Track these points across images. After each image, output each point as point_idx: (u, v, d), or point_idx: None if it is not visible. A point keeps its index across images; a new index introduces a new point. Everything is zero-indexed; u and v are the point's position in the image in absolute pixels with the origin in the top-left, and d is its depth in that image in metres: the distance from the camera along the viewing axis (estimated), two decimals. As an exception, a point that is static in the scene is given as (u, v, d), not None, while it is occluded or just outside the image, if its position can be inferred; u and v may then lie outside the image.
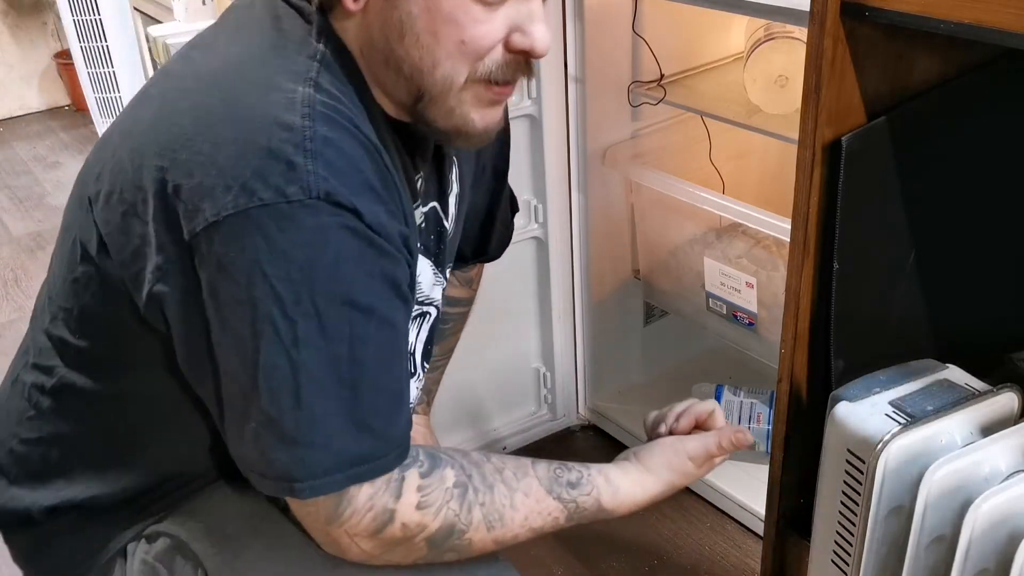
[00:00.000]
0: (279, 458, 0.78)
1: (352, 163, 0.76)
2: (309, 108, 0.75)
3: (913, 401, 0.95)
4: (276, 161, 0.72)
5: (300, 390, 0.75)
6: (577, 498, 0.91)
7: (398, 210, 0.80)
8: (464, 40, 0.79)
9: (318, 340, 0.75)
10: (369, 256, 0.76)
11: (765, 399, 1.73)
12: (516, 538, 0.89)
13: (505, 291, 1.77)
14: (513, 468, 0.90)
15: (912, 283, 1.05)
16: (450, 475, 0.86)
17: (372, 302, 0.77)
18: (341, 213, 0.74)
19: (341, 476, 0.78)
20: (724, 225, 1.65)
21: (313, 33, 0.81)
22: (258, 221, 0.72)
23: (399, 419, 0.82)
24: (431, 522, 0.84)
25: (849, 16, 0.87)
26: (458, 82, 0.81)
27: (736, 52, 1.70)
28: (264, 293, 0.73)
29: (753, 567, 1.59)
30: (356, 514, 0.81)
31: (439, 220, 0.97)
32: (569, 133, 1.66)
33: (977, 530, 0.84)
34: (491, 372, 1.82)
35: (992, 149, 1.06)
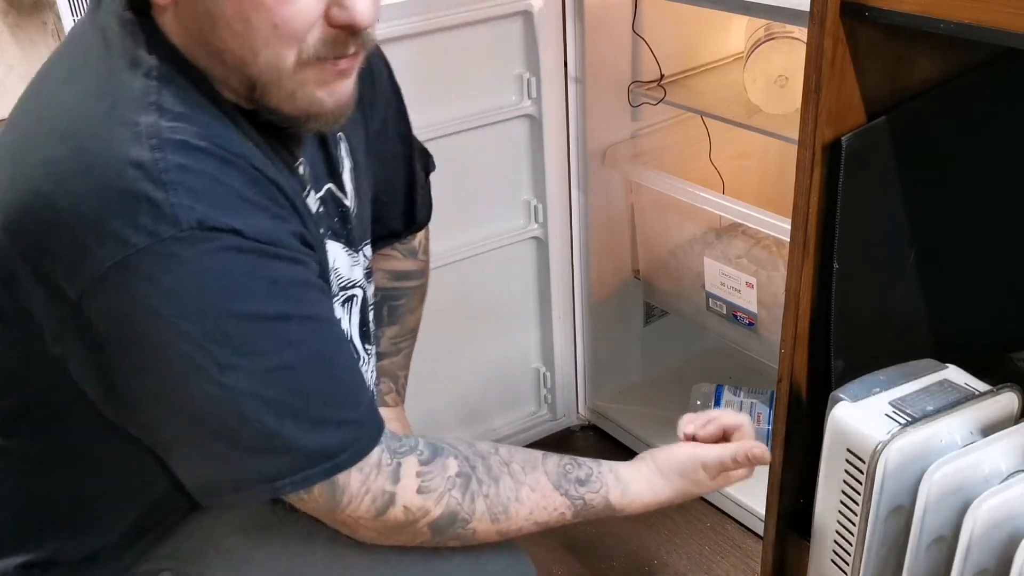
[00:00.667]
0: (250, 466, 0.77)
1: (215, 182, 0.73)
2: (156, 139, 0.72)
3: (913, 401, 0.95)
4: (138, 202, 0.70)
5: (244, 410, 0.75)
6: (585, 495, 0.91)
7: (283, 208, 0.78)
8: (276, 23, 0.74)
9: (241, 360, 0.74)
10: (263, 266, 0.75)
11: (765, 399, 1.73)
12: (521, 531, 0.89)
13: (505, 291, 1.77)
14: (521, 461, 0.90)
15: (912, 283, 1.05)
16: (452, 464, 0.86)
17: (283, 308, 0.76)
18: (219, 236, 0.72)
19: (318, 470, 0.79)
20: (724, 225, 1.65)
21: (143, 45, 0.77)
22: (138, 268, 0.71)
23: (359, 402, 0.82)
24: (433, 507, 0.84)
25: (849, 16, 0.87)
26: (286, 66, 0.76)
27: (736, 52, 1.70)
28: (171, 335, 0.72)
29: (753, 567, 1.59)
30: (354, 499, 0.82)
31: (338, 200, 0.95)
32: (569, 133, 1.66)
33: (977, 530, 0.84)
34: (491, 372, 1.82)
35: (992, 149, 1.06)
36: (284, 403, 0.76)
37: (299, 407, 0.77)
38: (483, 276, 1.71)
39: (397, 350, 1.24)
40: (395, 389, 1.26)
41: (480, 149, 1.62)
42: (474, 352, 1.77)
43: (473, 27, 1.52)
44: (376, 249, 1.16)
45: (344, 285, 0.96)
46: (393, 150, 1.09)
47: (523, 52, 1.59)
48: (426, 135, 1.52)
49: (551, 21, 1.57)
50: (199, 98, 0.77)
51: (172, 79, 0.76)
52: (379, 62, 1.05)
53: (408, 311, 1.24)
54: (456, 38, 1.52)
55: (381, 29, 1.41)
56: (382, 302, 1.20)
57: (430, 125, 1.53)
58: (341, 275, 0.95)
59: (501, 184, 1.68)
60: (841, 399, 0.97)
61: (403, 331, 1.24)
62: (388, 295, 1.21)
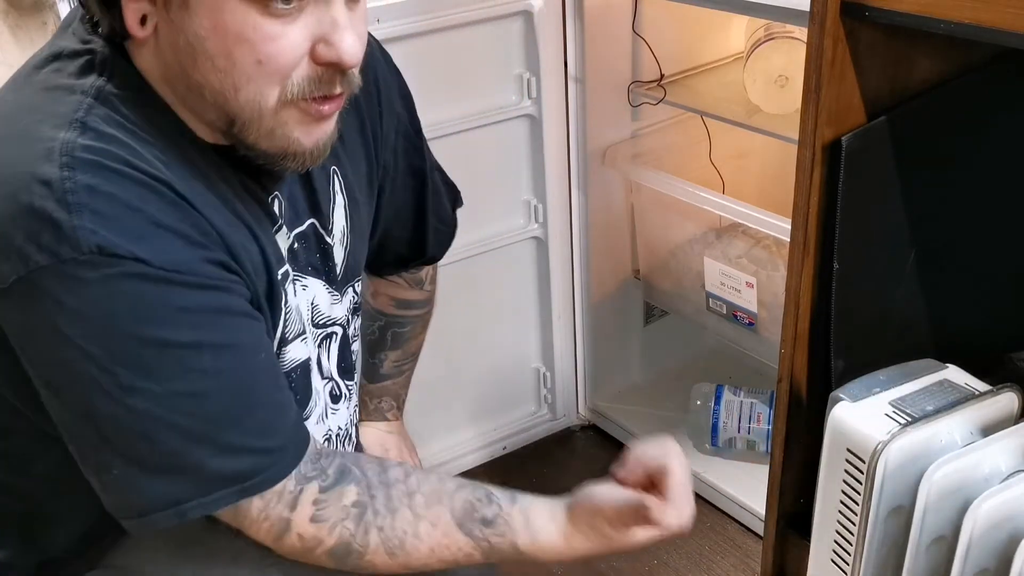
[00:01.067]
0: (153, 490, 0.76)
1: (125, 206, 0.71)
2: (68, 156, 0.70)
3: (913, 401, 0.95)
4: (41, 221, 0.69)
5: (150, 433, 0.74)
6: (490, 537, 0.86)
7: (205, 236, 0.76)
8: (260, 60, 0.72)
9: (147, 384, 0.73)
10: (171, 294, 0.73)
11: (765, 399, 1.73)
12: (428, 567, 0.86)
13: (505, 291, 1.77)
14: (428, 493, 0.86)
15: (912, 283, 1.05)
16: (351, 493, 0.84)
17: (195, 336, 0.74)
18: (121, 263, 0.70)
19: (226, 492, 0.78)
20: (724, 225, 1.65)
21: (96, 65, 0.75)
22: (41, 285, 0.70)
23: (276, 432, 0.81)
24: (326, 537, 0.83)
25: (849, 16, 0.87)
26: (268, 105, 0.75)
27: (736, 52, 1.70)
28: (75, 354, 0.71)
29: (753, 567, 1.59)
30: (253, 524, 0.81)
31: (320, 236, 0.93)
32: (569, 133, 1.66)
33: (977, 530, 0.84)
34: (491, 372, 1.82)
35: (992, 149, 1.06)
36: (191, 429, 0.75)
37: (208, 433, 0.76)
38: (483, 276, 1.71)
39: (400, 372, 1.24)
40: (396, 406, 1.26)
41: (480, 149, 1.62)
42: (474, 352, 1.77)
43: (473, 27, 1.52)
44: (383, 275, 1.16)
45: (323, 322, 0.94)
46: (403, 182, 1.08)
47: (523, 52, 1.59)
48: (426, 135, 1.52)
49: (551, 21, 1.57)
50: (143, 122, 0.75)
51: (114, 100, 0.74)
52: (395, 94, 1.03)
53: (411, 337, 1.23)
54: (456, 38, 1.52)
55: (381, 29, 1.42)
56: (386, 327, 1.20)
57: (430, 125, 1.51)
58: (321, 312, 0.94)
59: (501, 184, 1.68)
60: (841, 399, 0.97)
61: (405, 355, 1.24)
62: (392, 321, 1.20)
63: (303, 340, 0.91)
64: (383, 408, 1.24)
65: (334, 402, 0.98)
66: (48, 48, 0.79)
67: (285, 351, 0.89)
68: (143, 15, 0.73)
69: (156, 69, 0.76)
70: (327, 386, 0.96)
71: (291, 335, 0.89)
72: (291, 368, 0.90)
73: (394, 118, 1.03)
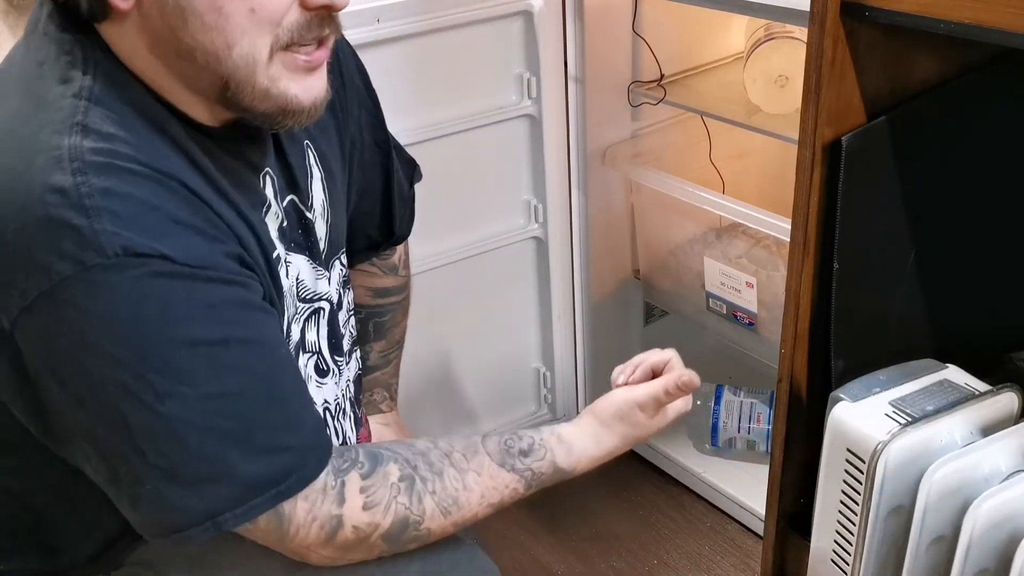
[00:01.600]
0: (190, 503, 0.75)
1: (144, 205, 0.71)
2: (79, 162, 0.69)
3: (913, 401, 0.95)
4: (60, 230, 0.68)
5: (185, 438, 0.73)
6: (532, 465, 0.91)
7: (218, 229, 0.76)
8: (253, 7, 0.72)
9: (180, 388, 0.72)
10: (198, 290, 0.73)
11: (765, 399, 1.73)
12: (477, 516, 0.88)
13: (505, 291, 1.77)
14: (462, 448, 0.89)
15: (912, 283, 1.05)
16: (394, 470, 0.85)
17: (222, 332, 0.74)
18: (148, 262, 0.70)
19: (262, 499, 0.77)
20: (724, 225, 1.65)
21: (79, 64, 0.74)
22: (66, 297, 0.69)
23: (304, 426, 0.81)
24: (382, 520, 0.83)
25: (849, 16, 0.87)
26: (262, 57, 0.74)
27: (736, 52, 1.70)
28: (105, 363, 0.71)
29: (753, 567, 1.59)
30: (301, 529, 0.80)
31: (300, 212, 0.93)
32: (569, 133, 1.66)
33: (977, 530, 0.84)
34: (491, 372, 1.82)
35: (992, 149, 1.06)
36: (226, 430, 0.75)
37: (242, 434, 0.76)
38: (483, 276, 1.71)
39: (387, 362, 1.24)
40: (389, 396, 1.26)
41: (480, 149, 1.61)
42: (474, 352, 1.77)
43: (473, 27, 1.52)
44: (356, 263, 1.15)
45: (309, 297, 0.94)
46: (371, 157, 1.08)
47: (523, 52, 1.59)
48: (426, 135, 1.53)
49: (551, 21, 1.57)
50: (137, 116, 0.75)
51: (105, 97, 0.74)
52: (353, 68, 1.03)
53: (393, 325, 1.23)
54: (456, 38, 1.52)
55: (381, 29, 1.42)
56: (367, 319, 1.20)
57: (430, 125, 1.53)
58: (306, 287, 0.93)
59: (501, 184, 1.68)
60: (841, 399, 0.97)
61: (390, 344, 1.24)
62: (372, 312, 1.20)
63: (297, 320, 0.91)
64: (376, 400, 1.24)
65: (320, 376, 0.97)
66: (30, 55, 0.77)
67: (290, 335, 0.89)
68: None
69: (140, 45, 0.75)
70: (310, 360, 0.96)
71: (291, 317, 0.90)
72: (292, 350, 0.90)
73: (355, 91, 1.03)
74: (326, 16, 0.77)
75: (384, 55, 1.43)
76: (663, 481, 1.78)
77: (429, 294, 1.53)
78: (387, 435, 1.24)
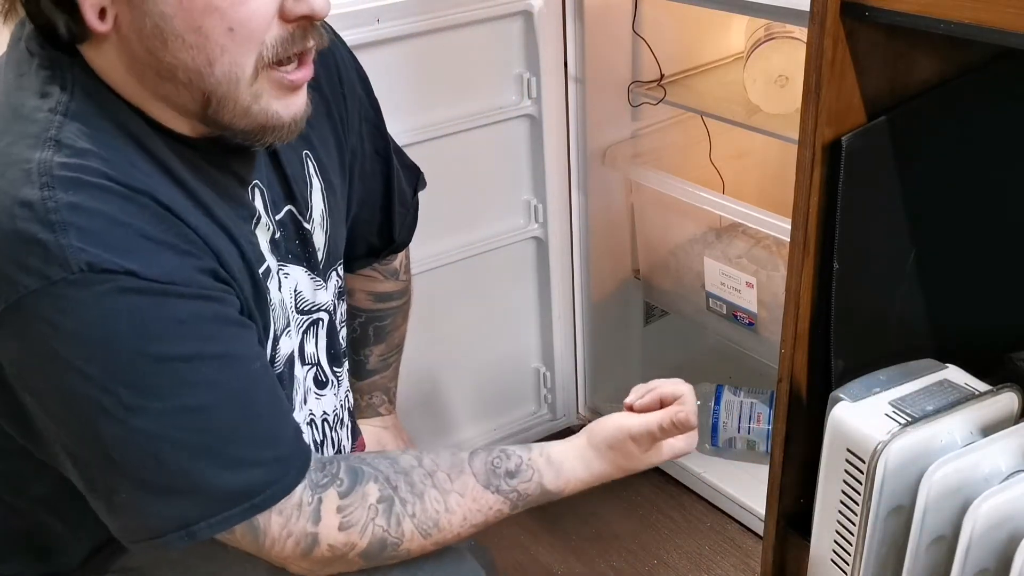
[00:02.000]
0: (163, 512, 0.76)
1: (111, 221, 0.70)
2: (47, 176, 0.69)
3: (913, 401, 0.95)
4: (27, 244, 0.68)
5: (156, 452, 0.73)
6: (518, 486, 0.89)
7: (192, 244, 0.75)
8: (232, 27, 0.71)
9: (150, 402, 0.72)
10: (167, 306, 0.72)
11: (765, 399, 1.73)
12: (459, 537, 0.87)
13: (505, 291, 1.77)
14: (447, 468, 0.88)
15: (912, 283, 1.05)
16: (373, 490, 0.84)
17: (193, 347, 0.74)
18: (113, 278, 0.69)
19: (236, 511, 0.77)
20: (724, 225, 1.65)
21: (57, 80, 0.74)
22: (34, 310, 0.69)
23: (280, 440, 0.80)
24: (359, 540, 0.83)
25: (849, 16, 0.87)
26: (244, 75, 0.74)
27: (736, 52, 1.70)
28: (74, 378, 0.71)
29: (753, 567, 1.59)
30: (276, 543, 0.80)
31: (298, 223, 0.92)
32: (569, 133, 1.66)
33: (977, 530, 0.84)
34: (491, 372, 1.82)
35: (992, 149, 1.06)
36: (197, 444, 0.75)
37: (214, 447, 0.75)
38: (483, 276, 1.71)
39: (386, 365, 1.24)
40: (387, 400, 1.26)
41: (480, 149, 1.62)
42: (474, 352, 1.77)
43: (473, 27, 1.52)
44: (356, 269, 1.15)
45: (307, 309, 0.94)
46: (371, 166, 1.07)
47: (523, 52, 1.59)
48: (426, 135, 1.53)
49: (551, 21, 1.57)
50: (115, 132, 0.75)
51: (82, 113, 0.74)
52: (355, 76, 1.03)
53: (393, 329, 1.23)
54: (456, 38, 1.52)
55: (381, 29, 1.42)
56: (367, 323, 1.20)
57: (430, 125, 1.53)
58: (304, 298, 0.93)
59: (501, 184, 1.68)
60: (841, 399, 0.97)
61: (390, 348, 1.24)
62: (372, 316, 1.20)
63: (288, 333, 0.91)
64: (375, 404, 1.24)
65: (319, 388, 0.97)
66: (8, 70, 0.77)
67: (278, 348, 0.89)
68: (101, 8, 0.72)
69: (120, 65, 0.75)
70: (309, 372, 0.96)
71: (280, 330, 0.89)
72: (282, 363, 0.90)
73: (356, 100, 1.03)
74: (308, 27, 0.76)
75: (384, 55, 1.43)
76: (663, 481, 1.78)
77: (429, 294, 1.53)
78: (386, 438, 1.24)
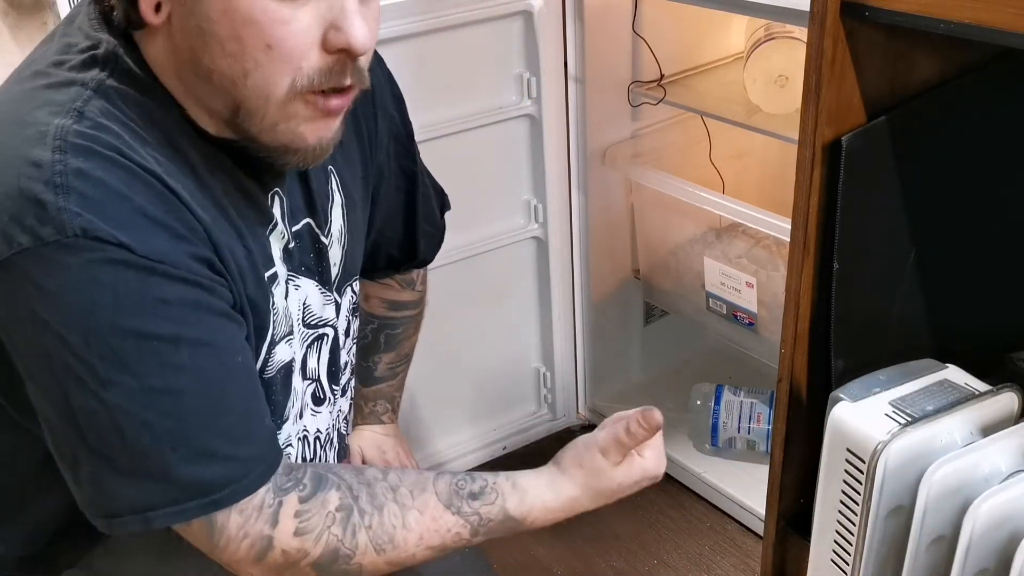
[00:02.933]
0: (122, 492, 0.75)
1: (114, 193, 0.71)
2: (61, 140, 0.70)
3: (913, 401, 0.95)
4: (27, 202, 0.69)
5: (122, 428, 0.73)
6: (480, 509, 0.86)
7: (192, 231, 0.75)
8: (270, 44, 0.72)
9: (123, 377, 0.72)
10: (153, 284, 0.72)
11: (765, 399, 1.73)
12: (414, 558, 0.85)
13: (505, 291, 1.77)
14: (411, 485, 0.86)
15: (912, 283, 1.05)
16: (333, 498, 0.83)
17: (173, 329, 0.73)
18: (104, 248, 0.70)
19: (194, 504, 0.76)
20: (724, 225, 1.65)
21: (99, 61, 0.75)
22: (23, 268, 0.69)
23: (250, 438, 0.79)
24: (312, 548, 0.81)
25: (849, 16, 0.87)
26: (277, 93, 0.75)
27: (736, 52, 1.70)
28: (52, 341, 0.71)
29: (753, 567, 1.59)
30: (231, 543, 0.79)
31: (315, 236, 0.92)
32: (569, 133, 1.66)
33: (977, 530, 0.84)
34: (491, 372, 1.82)
35: (992, 149, 1.06)
36: (164, 428, 0.74)
37: (180, 434, 0.75)
38: (483, 276, 1.71)
39: (393, 374, 1.24)
40: (391, 409, 1.26)
41: (480, 149, 1.62)
42: (474, 352, 1.77)
43: (473, 27, 1.52)
44: (375, 278, 1.16)
45: (314, 323, 0.93)
46: (396, 183, 1.08)
47: (523, 52, 1.59)
48: (426, 135, 1.52)
49: (551, 21, 1.57)
50: (143, 117, 0.75)
51: (114, 94, 0.75)
52: (388, 95, 1.03)
53: (404, 338, 1.23)
54: (456, 38, 1.52)
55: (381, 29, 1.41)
56: (379, 330, 1.20)
57: (430, 125, 1.53)
58: (313, 312, 0.93)
59: (501, 184, 1.68)
60: (841, 399, 0.97)
61: (399, 357, 1.24)
62: (385, 323, 1.20)
63: (288, 341, 0.90)
64: (378, 411, 1.24)
65: (316, 404, 0.97)
66: (56, 44, 0.79)
67: (273, 353, 0.88)
68: (157, 2, 0.73)
69: (166, 58, 0.76)
70: (309, 387, 0.95)
71: (279, 336, 0.88)
72: (275, 369, 0.89)
73: (387, 120, 1.03)
74: (348, 63, 0.76)
75: (384, 55, 1.41)
76: (663, 481, 1.77)
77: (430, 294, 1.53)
78: (387, 446, 1.24)
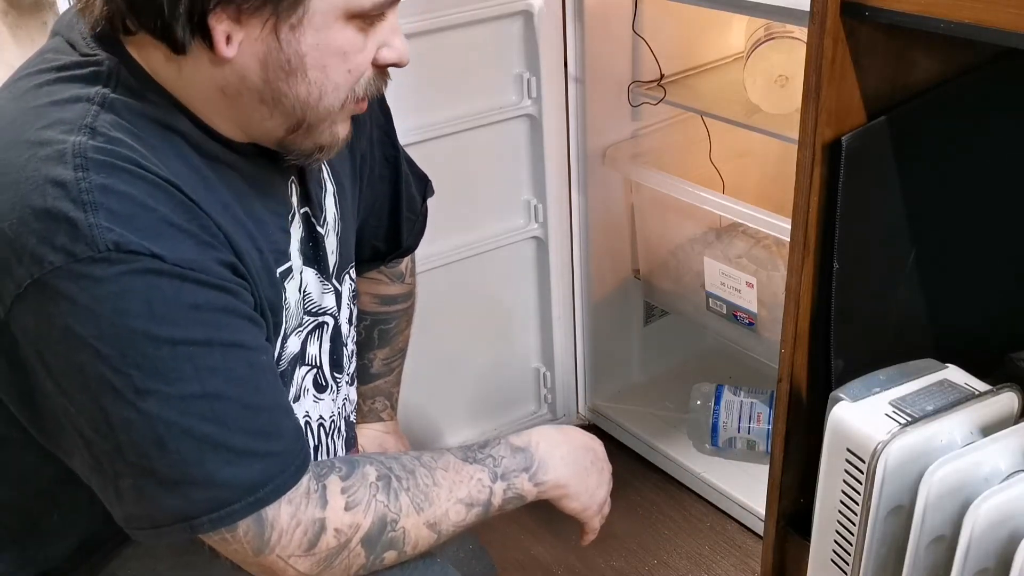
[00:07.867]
0: (167, 502, 0.76)
1: (140, 205, 0.73)
2: (81, 158, 0.72)
3: (913, 401, 0.95)
4: (56, 222, 0.70)
5: (162, 438, 0.74)
6: (491, 452, 0.93)
7: (213, 238, 0.78)
8: (350, 69, 0.80)
9: (160, 386, 0.73)
10: (185, 291, 0.74)
11: (765, 399, 1.73)
12: (447, 514, 0.89)
13: (505, 291, 1.77)
14: (430, 452, 0.92)
15: (912, 283, 1.05)
16: (371, 471, 0.86)
17: (206, 334, 0.75)
18: (138, 259, 0.72)
19: (241, 505, 0.77)
20: (724, 225, 1.65)
21: (101, 77, 0.77)
22: (56, 287, 0.70)
23: (284, 433, 0.81)
24: (363, 519, 0.83)
25: (849, 16, 0.87)
26: (337, 106, 0.82)
27: (736, 52, 1.70)
28: (88, 356, 0.72)
29: (753, 567, 1.59)
30: (284, 535, 0.80)
31: (311, 226, 0.95)
32: (569, 133, 1.66)
33: (977, 530, 0.84)
34: (491, 372, 1.82)
35: (992, 148, 1.06)
36: (204, 432, 0.75)
37: (220, 436, 0.76)
38: (483, 276, 1.71)
39: (389, 370, 1.25)
40: (390, 405, 1.26)
41: (480, 149, 1.62)
42: (474, 352, 1.77)
43: (473, 27, 1.52)
44: (362, 272, 1.16)
45: (314, 311, 0.95)
46: (380, 172, 1.10)
47: (523, 52, 1.59)
48: (426, 135, 1.53)
49: (551, 21, 1.57)
50: (151, 126, 0.77)
51: (121, 107, 0.76)
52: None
53: (397, 332, 1.24)
54: (456, 38, 1.52)
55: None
56: (372, 326, 1.21)
57: (430, 125, 1.53)
58: (312, 300, 0.94)
59: (501, 184, 1.68)
60: (841, 399, 0.97)
61: (393, 352, 1.24)
62: (377, 319, 1.21)
63: (298, 333, 0.92)
64: (377, 408, 1.24)
65: (318, 391, 0.98)
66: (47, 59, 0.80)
67: (285, 346, 0.90)
68: (228, 35, 0.76)
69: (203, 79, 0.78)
70: (309, 373, 0.96)
71: (291, 330, 0.90)
72: (287, 362, 0.90)
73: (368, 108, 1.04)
74: (386, 71, 0.85)
75: (384, 55, 1.43)
76: (663, 481, 1.78)
77: (429, 294, 1.53)
78: (388, 443, 1.24)
